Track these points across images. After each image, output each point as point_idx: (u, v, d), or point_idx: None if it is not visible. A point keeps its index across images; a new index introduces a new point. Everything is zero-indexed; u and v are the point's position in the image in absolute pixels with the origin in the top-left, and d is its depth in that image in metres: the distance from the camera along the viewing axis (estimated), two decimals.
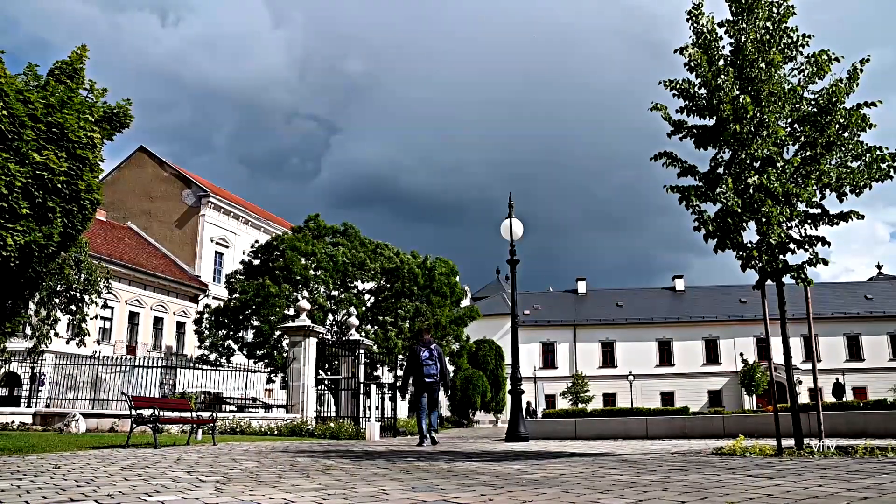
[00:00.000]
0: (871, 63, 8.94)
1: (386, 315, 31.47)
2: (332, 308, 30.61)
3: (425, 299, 33.00)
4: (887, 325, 63.24)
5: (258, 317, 29.10)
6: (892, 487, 4.59)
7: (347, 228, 33.72)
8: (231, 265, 41.67)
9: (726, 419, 18.46)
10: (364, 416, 21.21)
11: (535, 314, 64.58)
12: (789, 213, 8.79)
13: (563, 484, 5.41)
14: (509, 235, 17.44)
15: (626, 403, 55.75)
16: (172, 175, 47.58)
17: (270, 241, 32.47)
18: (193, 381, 21.86)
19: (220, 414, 18.39)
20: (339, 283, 31.00)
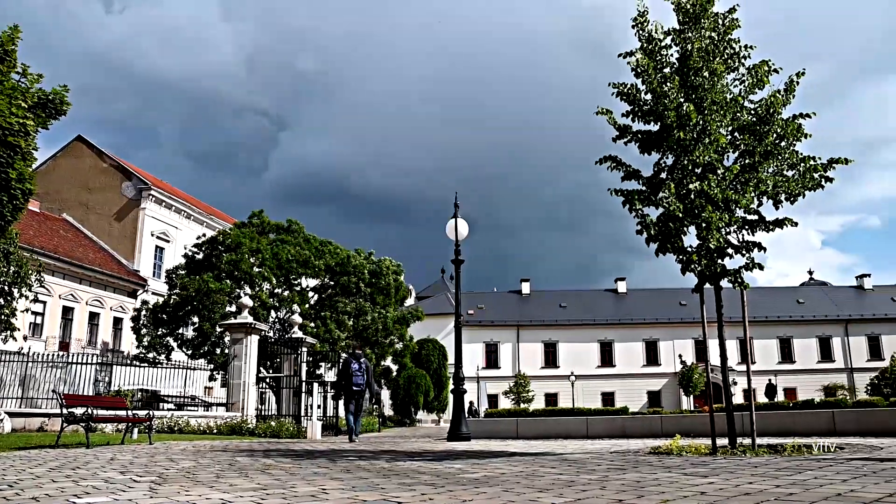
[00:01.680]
0: (807, 77, 9.23)
1: (330, 312, 31.23)
2: (276, 305, 30.24)
3: (370, 297, 32.84)
4: (817, 329, 65.40)
5: (199, 314, 28.57)
6: (815, 483, 4.74)
7: (292, 225, 33.36)
8: (172, 260, 40.79)
9: (664, 419, 18.85)
10: (306, 415, 21.00)
11: (479, 314, 64.86)
12: (728, 219, 9.02)
13: (503, 483, 5.43)
14: (454, 235, 17.49)
15: (567, 403, 56.41)
16: (112, 166, 46.33)
17: (214, 236, 31.92)
18: (130, 379, 21.33)
19: (158, 412, 17.98)
20: (283, 280, 30.65)
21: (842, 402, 22.58)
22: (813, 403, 23.33)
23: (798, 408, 22.12)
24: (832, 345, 65.36)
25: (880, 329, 64.79)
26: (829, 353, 65.18)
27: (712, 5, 9.40)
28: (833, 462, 6.61)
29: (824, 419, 15.64)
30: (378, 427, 29.92)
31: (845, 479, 4.96)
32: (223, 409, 21.18)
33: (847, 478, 5.08)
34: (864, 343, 64.96)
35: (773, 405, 27.89)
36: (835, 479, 5.04)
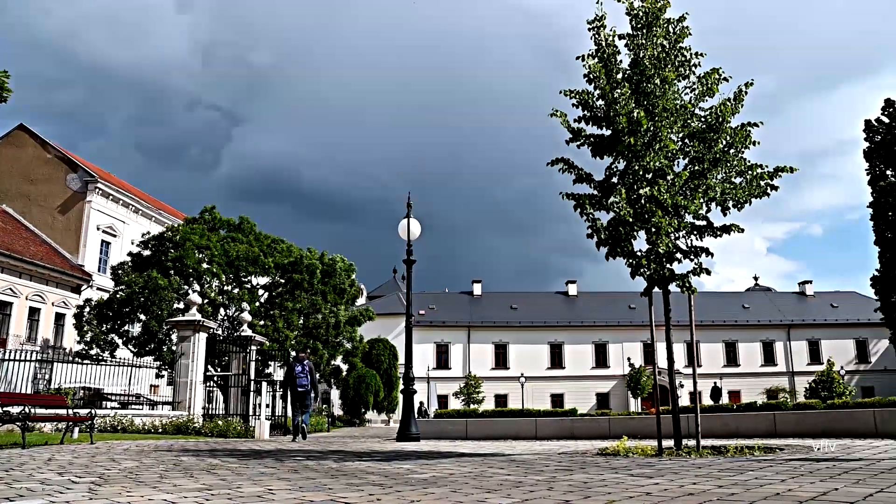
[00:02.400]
0: (755, 88, 9.45)
1: (280, 311, 30.90)
2: (225, 303, 29.81)
3: (321, 296, 32.60)
4: (761, 333, 67.01)
5: (146, 310, 28.00)
6: (756, 483, 4.85)
7: (243, 222, 32.94)
8: (119, 255, 39.86)
9: (612, 421, 19.07)
10: (254, 414, 20.74)
11: (430, 314, 64.82)
12: (677, 224, 9.17)
13: (451, 484, 5.43)
14: (406, 235, 17.47)
15: (517, 404, 56.73)
16: (56, 157, 45.02)
17: (163, 232, 31.32)
18: (72, 376, 20.71)
19: (101, 411, 17.56)
20: (233, 277, 30.23)
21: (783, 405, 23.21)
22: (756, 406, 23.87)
23: (742, 410, 22.61)
24: (775, 349, 67.02)
25: (820, 334, 66.64)
26: (772, 356, 66.82)
27: (664, 12, 9.55)
28: (773, 463, 6.76)
29: (766, 421, 16.01)
30: (327, 427, 29.72)
31: (784, 479, 5.08)
32: (169, 407, 20.79)
33: (785, 478, 5.21)
34: (804, 347, 66.75)
35: (718, 407, 28.47)
36: (774, 479, 5.16)
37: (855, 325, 65.93)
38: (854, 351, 66.36)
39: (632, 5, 9.64)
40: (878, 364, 65.13)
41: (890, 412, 14.50)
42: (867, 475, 5.29)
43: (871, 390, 58.79)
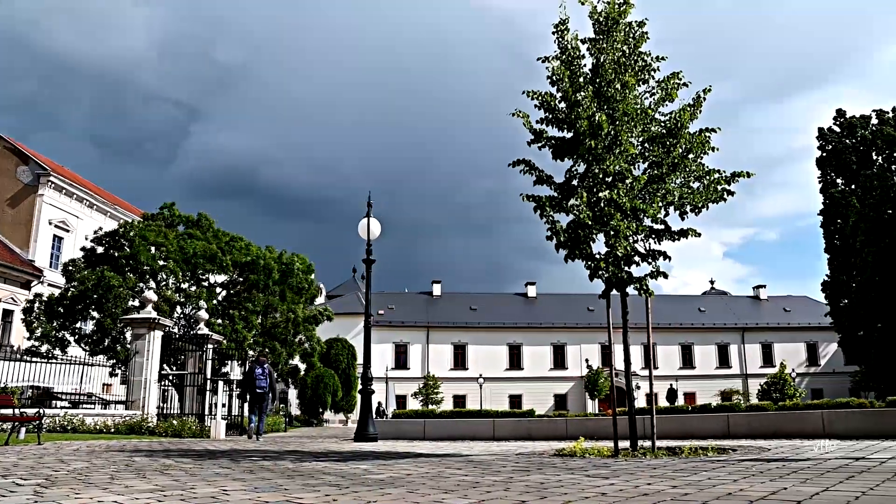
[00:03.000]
0: (713, 95, 9.61)
1: (238, 310, 30.53)
2: (181, 301, 29.35)
3: (279, 295, 32.28)
4: (716, 336, 68.19)
5: (99, 307, 27.42)
6: (709, 483, 4.92)
7: (202, 219, 32.45)
8: (72, 251, 38.97)
9: (569, 422, 19.22)
10: (210, 414, 20.47)
11: (389, 315, 64.64)
12: (636, 228, 9.27)
13: (408, 484, 5.42)
14: (366, 235, 17.42)
15: (475, 405, 56.87)
16: (6, 149, 43.81)
17: (118, 227, 30.70)
18: (20, 375, 20.20)
19: (50, 410, 17.16)
20: (190, 275, 29.77)
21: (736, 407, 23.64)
22: (710, 407, 24.27)
23: (696, 412, 22.95)
24: (730, 351, 68.24)
25: (773, 337, 68.08)
26: (726, 359, 68.01)
27: (625, 17, 9.65)
28: (726, 463, 6.87)
29: (720, 422, 16.28)
30: (284, 427, 29.45)
31: (736, 479, 5.17)
32: (122, 407, 20.41)
33: (738, 478, 5.29)
34: (758, 350, 68.10)
35: (674, 409, 28.86)
36: (726, 479, 5.24)
37: (806, 329, 67.53)
38: (805, 354, 67.91)
39: (595, 9, 9.72)
40: (827, 367, 66.72)
41: (836, 413, 14.86)
42: (814, 475, 5.40)
43: (820, 392, 60.19)
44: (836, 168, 47.20)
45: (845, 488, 4.48)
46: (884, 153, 43.18)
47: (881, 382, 39.88)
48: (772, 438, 13.55)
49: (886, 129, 42.12)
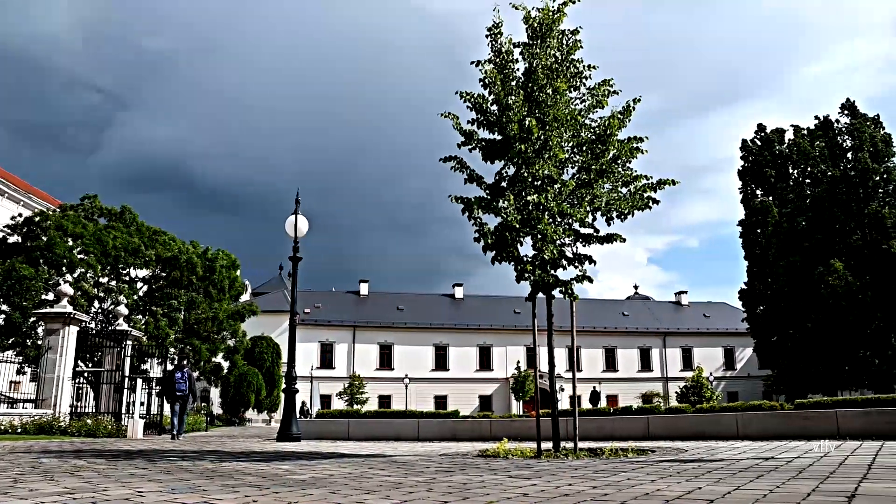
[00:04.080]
0: (643, 104, 9.83)
1: (160, 306, 29.71)
2: (100, 295, 28.37)
3: (203, 291, 31.56)
4: (639, 340, 69.88)
5: (8, 301, 26.24)
6: (628, 484, 5.02)
7: (125, 211, 31.47)
8: None
9: (493, 423, 19.37)
10: (127, 413, 19.87)
11: (315, 313, 63.94)
12: (563, 232, 9.40)
13: (330, 485, 5.36)
14: (294, 232, 17.21)
15: (401, 406, 56.82)
16: None
17: (32, 217, 29.46)
18: None
19: None
20: (110, 269, 28.80)
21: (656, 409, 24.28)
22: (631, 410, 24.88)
23: (618, 414, 23.48)
24: (651, 355, 70.03)
25: (693, 342, 70.20)
26: (648, 362, 69.76)
27: (559, 24, 9.78)
28: (645, 464, 7.03)
29: (640, 424, 16.66)
30: (206, 426, 28.82)
31: (654, 480, 5.29)
32: (31, 405, 19.60)
33: (655, 478, 5.42)
34: (678, 354, 70.09)
35: (597, 411, 29.46)
36: (645, 479, 5.36)
37: (724, 335, 69.89)
38: (722, 358, 70.24)
39: (529, 15, 9.82)
40: (742, 371, 69.18)
41: (750, 415, 15.39)
42: (727, 474, 5.57)
43: (735, 395, 62.40)
44: (756, 179, 48.93)
45: (755, 487, 4.63)
46: (799, 167, 44.97)
47: (791, 386, 41.53)
48: (689, 440, 13.95)
49: (803, 143, 43.87)
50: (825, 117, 42.90)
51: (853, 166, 40.16)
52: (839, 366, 38.91)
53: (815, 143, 42.54)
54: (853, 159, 40.30)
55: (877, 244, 38.25)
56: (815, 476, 5.28)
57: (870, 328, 37.32)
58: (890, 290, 37.05)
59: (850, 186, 39.73)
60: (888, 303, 37.05)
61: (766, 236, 44.71)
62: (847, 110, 42.12)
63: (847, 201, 39.69)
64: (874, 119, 41.62)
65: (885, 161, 40.20)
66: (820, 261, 38.74)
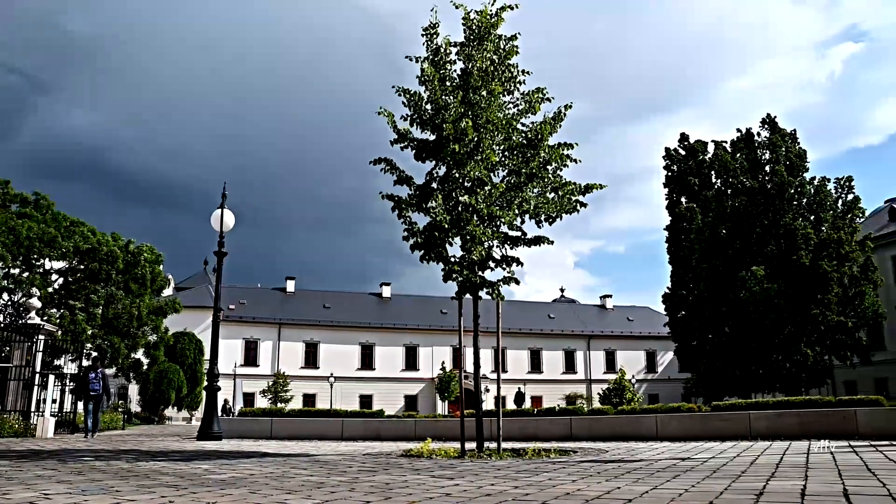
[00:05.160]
0: (574, 111, 9.98)
1: (77, 299, 28.69)
2: (10, 287, 27.22)
3: (124, 285, 30.63)
4: (564, 342, 71.00)
5: None
6: (549, 484, 5.08)
7: (40, 199, 30.26)
8: None
9: (418, 423, 19.38)
10: (37, 411, 19.11)
11: (240, 309, 62.75)
12: (491, 234, 9.47)
13: (251, 485, 5.26)
14: (219, 226, 16.88)
15: (325, 405, 56.27)
16: None
17: None
18: None
19: None
20: (22, 259, 27.66)
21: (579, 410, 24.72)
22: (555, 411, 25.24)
23: (542, 415, 23.75)
24: (576, 357, 71.23)
25: (616, 345, 71.76)
26: (572, 364, 70.94)
27: (497, 28, 9.85)
28: (566, 464, 7.13)
29: (563, 425, 16.92)
30: (122, 424, 27.95)
31: (575, 480, 5.37)
32: None
33: (577, 478, 5.50)
34: (602, 357, 71.52)
35: (521, 412, 29.77)
36: (566, 479, 5.43)
37: (646, 338, 71.68)
38: (644, 361, 72.02)
39: (468, 16, 9.86)
40: (663, 373, 71.08)
41: (669, 417, 15.81)
42: (646, 474, 5.70)
43: (656, 397, 64.05)
44: (680, 187, 50.30)
45: (671, 486, 4.75)
46: (721, 177, 46.43)
47: (709, 388, 42.84)
48: (611, 440, 14.23)
49: (724, 156, 45.30)
50: (747, 130, 44.34)
51: (771, 179, 41.65)
52: (754, 370, 40.33)
53: (737, 155, 43.98)
54: (771, 172, 41.80)
55: (789, 255, 39.81)
56: (728, 475, 5.44)
57: (782, 334, 38.81)
58: (800, 298, 38.61)
59: (767, 198, 41.19)
60: (798, 311, 38.61)
61: (690, 242, 46.00)
62: (767, 124, 43.64)
63: (764, 212, 41.14)
64: (791, 134, 43.24)
65: (799, 175, 41.85)
66: (739, 268, 40.06)
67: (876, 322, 41.16)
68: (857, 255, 39.80)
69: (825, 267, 38.52)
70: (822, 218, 41.07)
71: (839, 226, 40.43)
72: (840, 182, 42.14)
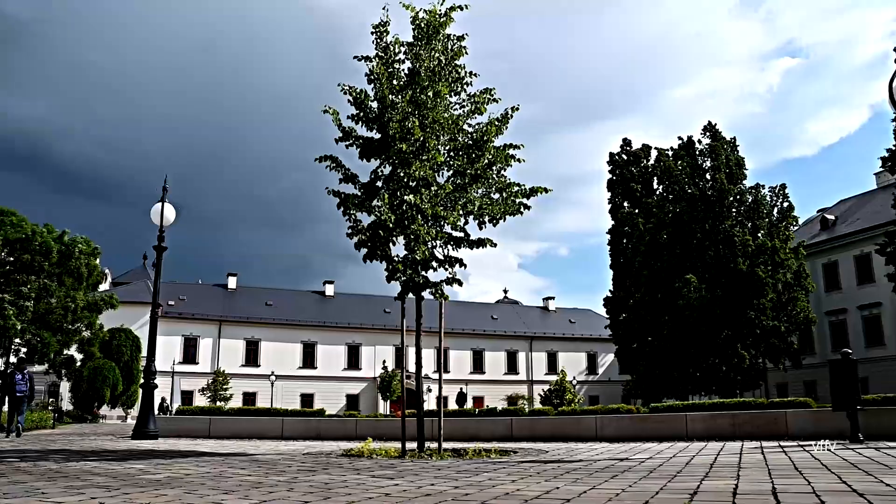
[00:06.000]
0: (522, 113, 10.06)
1: (6, 292, 27.74)
2: None
3: (58, 279, 29.72)
4: (506, 343, 71.48)
5: None
6: (489, 484, 5.10)
7: None
8: None
9: (359, 422, 19.29)
10: None
11: (180, 306, 61.48)
12: (436, 234, 9.47)
13: (186, 485, 5.15)
14: (160, 220, 16.53)
15: (266, 403, 55.51)
16: None
17: None
18: None
19: None
20: None
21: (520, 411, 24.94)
22: (496, 411, 25.40)
23: (483, 415, 23.89)
24: (518, 358, 71.78)
25: (558, 346, 72.57)
26: (515, 365, 71.47)
27: (445, 28, 9.85)
28: (507, 465, 7.17)
29: (504, 426, 17.04)
30: (52, 423, 27.11)
31: (514, 480, 5.39)
32: None
33: (516, 478, 5.53)
34: (544, 358, 72.23)
35: (462, 412, 29.88)
36: (506, 479, 5.46)
37: (588, 340, 72.68)
38: (585, 363, 72.99)
39: (417, 15, 9.84)
40: (604, 375, 72.17)
41: (608, 418, 16.06)
42: (585, 475, 5.77)
43: (597, 398, 64.95)
44: (623, 192, 51.14)
45: (609, 486, 4.82)
46: (663, 183, 47.37)
47: (648, 390, 43.69)
48: (551, 441, 14.38)
49: (667, 162, 46.23)
50: (689, 137, 45.35)
51: (711, 186, 42.71)
52: (691, 372, 41.29)
53: (679, 162, 44.93)
54: (711, 179, 42.87)
55: (727, 261, 40.87)
56: (664, 475, 5.54)
57: (719, 338, 39.82)
58: (737, 303, 39.68)
59: (707, 205, 42.20)
60: (735, 315, 39.68)
61: (632, 247, 46.81)
62: (708, 132, 44.70)
63: (704, 218, 42.13)
64: (731, 142, 44.38)
65: (738, 183, 43.01)
66: (679, 273, 40.92)
67: (807, 327, 42.56)
68: (791, 262, 41.10)
69: (761, 273, 39.66)
70: (759, 225, 42.26)
71: (774, 233, 41.66)
72: (775, 190, 43.43)
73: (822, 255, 50.80)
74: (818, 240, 51.74)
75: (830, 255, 50.74)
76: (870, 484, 4.57)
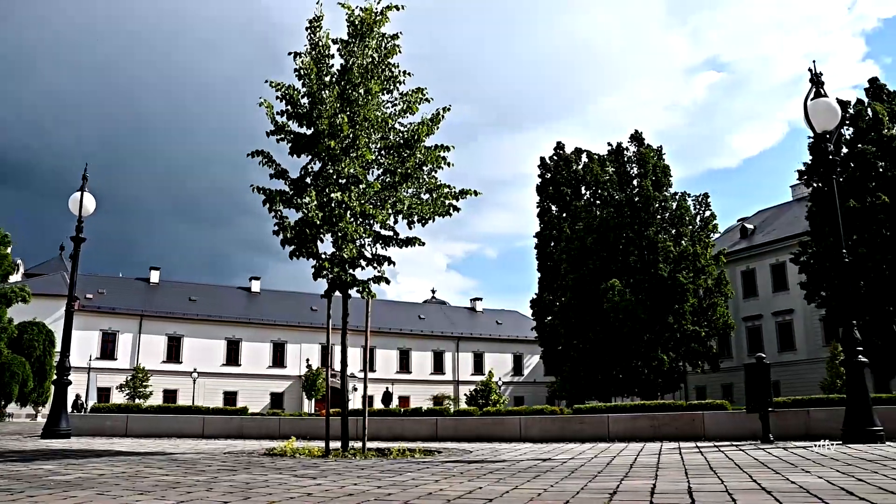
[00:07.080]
0: (455, 115, 10.08)
1: None
2: None
3: None
4: (433, 343, 71.67)
5: None
6: (412, 484, 5.10)
7: None
8: None
9: (283, 421, 19.04)
10: None
11: (98, 299, 59.44)
12: (364, 232, 9.44)
13: (100, 486, 4.98)
14: (78, 210, 15.96)
15: (187, 401, 54.15)
16: None
17: None
18: None
19: None
20: None
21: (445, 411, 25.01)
22: (421, 411, 25.41)
23: (408, 415, 23.84)
24: (445, 358, 72.07)
25: (485, 347, 73.18)
26: (441, 365, 71.72)
27: (380, 27, 9.81)
28: (430, 465, 7.18)
29: (429, 425, 17.05)
30: None
31: (437, 480, 5.40)
32: None
33: (440, 478, 5.53)
34: (470, 359, 72.72)
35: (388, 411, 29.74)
36: (429, 479, 5.46)
37: (514, 341, 73.51)
38: (511, 364, 73.77)
39: (352, 12, 9.77)
40: (529, 376, 73.09)
41: (532, 419, 16.25)
42: (508, 475, 5.81)
43: (522, 399, 65.73)
44: (552, 196, 51.89)
45: (531, 486, 4.87)
46: (591, 188, 48.26)
47: (572, 392, 44.40)
48: (476, 441, 14.46)
49: (595, 168, 47.15)
50: (618, 144, 46.31)
51: (638, 192, 43.73)
52: (615, 374, 42.19)
53: (607, 168, 45.85)
54: (638, 186, 43.89)
55: (651, 266, 41.91)
56: (585, 475, 5.64)
57: (642, 341, 40.79)
58: (659, 308, 40.74)
59: (634, 211, 43.18)
60: (658, 320, 40.73)
61: (559, 251, 47.54)
62: (636, 140, 45.77)
63: (630, 224, 43.09)
64: (657, 150, 45.53)
65: (664, 190, 44.17)
66: (604, 278, 41.71)
67: (725, 332, 44.01)
68: (712, 268, 42.43)
69: (682, 279, 40.81)
70: (682, 232, 43.47)
71: (696, 240, 42.94)
72: (698, 199, 44.77)
73: (740, 263, 52.70)
74: (738, 248, 53.63)
75: (749, 262, 52.71)
76: (777, 482, 4.76)
